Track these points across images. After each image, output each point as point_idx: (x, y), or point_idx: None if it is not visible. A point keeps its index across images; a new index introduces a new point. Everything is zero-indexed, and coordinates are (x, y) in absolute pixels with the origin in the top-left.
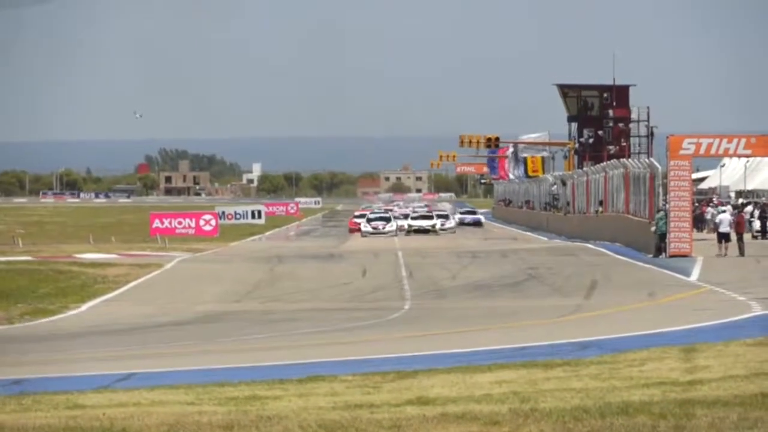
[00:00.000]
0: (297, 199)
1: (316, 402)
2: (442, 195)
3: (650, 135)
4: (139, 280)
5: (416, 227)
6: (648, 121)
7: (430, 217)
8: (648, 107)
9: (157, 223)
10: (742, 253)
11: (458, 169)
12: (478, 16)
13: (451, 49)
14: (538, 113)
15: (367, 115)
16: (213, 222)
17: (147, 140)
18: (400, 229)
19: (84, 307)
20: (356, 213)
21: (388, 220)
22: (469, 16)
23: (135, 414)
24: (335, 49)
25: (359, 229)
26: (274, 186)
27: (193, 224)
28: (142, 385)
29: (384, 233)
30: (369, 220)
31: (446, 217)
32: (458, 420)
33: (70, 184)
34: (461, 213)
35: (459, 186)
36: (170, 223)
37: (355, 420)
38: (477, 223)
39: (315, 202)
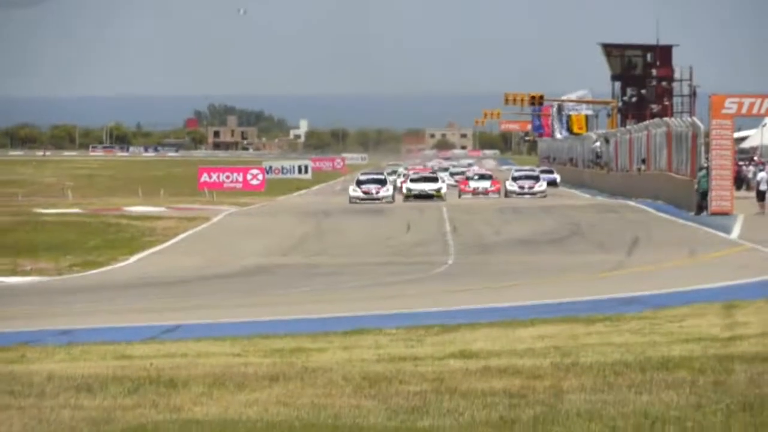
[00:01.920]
0: (343, 155)
1: (361, 354)
2: (486, 152)
3: (693, 94)
4: (187, 233)
5: (416, 192)
6: (691, 80)
7: (434, 179)
8: (691, 67)
9: (204, 177)
10: None
11: (502, 127)
12: None
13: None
14: (580, 71)
15: (412, 72)
16: (260, 176)
17: (196, 96)
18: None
19: (132, 259)
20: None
21: (383, 182)
22: None
23: (182, 365)
24: (380, 6)
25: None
26: (321, 142)
27: (240, 179)
28: (189, 336)
29: (377, 199)
30: (359, 183)
31: (536, 178)
32: (500, 373)
33: (120, 138)
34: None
35: (502, 143)
36: (218, 177)
37: (398, 372)
38: (553, 183)
39: (361, 158)
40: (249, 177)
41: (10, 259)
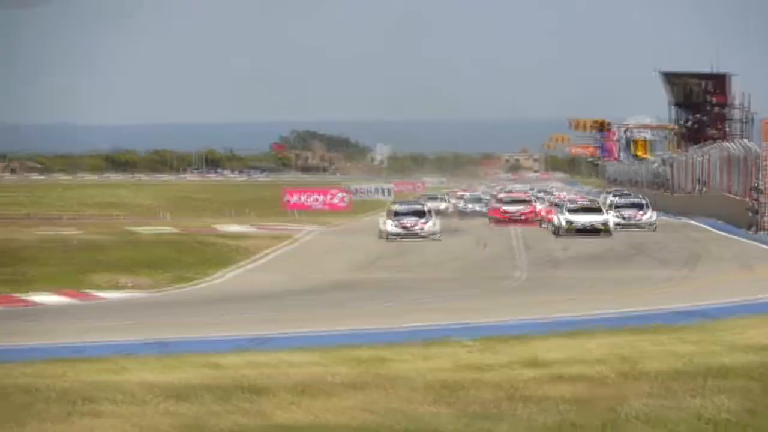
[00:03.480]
0: (424, 179)
1: (439, 364)
2: (556, 174)
3: (749, 120)
4: (275, 251)
5: (579, 226)
6: (748, 106)
7: (598, 210)
8: (749, 94)
9: (293, 198)
10: None
11: (572, 151)
12: (577, 6)
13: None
14: (638, 97)
15: (481, 100)
16: (345, 198)
17: (280, 122)
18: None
19: (224, 275)
20: (498, 195)
21: (422, 214)
22: (569, 7)
23: (270, 374)
24: (451, 37)
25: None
26: (402, 166)
27: (325, 200)
28: (278, 347)
29: (421, 236)
30: (397, 214)
31: (641, 206)
32: (569, 381)
33: (212, 162)
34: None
35: (570, 167)
36: (306, 198)
37: (475, 381)
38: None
39: (440, 182)
40: (336, 200)
41: (110, 275)
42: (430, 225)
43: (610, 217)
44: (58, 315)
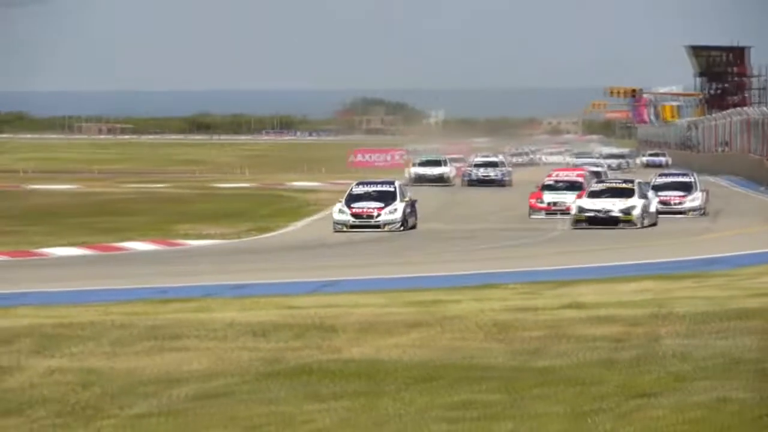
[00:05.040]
0: (474, 139)
1: (489, 305)
2: (593, 137)
3: (766, 88)
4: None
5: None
6: (765, 75)
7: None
8: (766, 65)
9: (358, 157)
10: None
11: (608, 115)
12: None
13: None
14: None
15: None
16: (403, 156)
17: (344, 89)
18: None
19: (298, 225)
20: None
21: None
22: None
23: (339, 314)
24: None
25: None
26: (454, 129)
27: (387, 158)
28: (344, 290)
29: (375, 226)
30: (352, 199)
31: (687, 187)
32: (606, 321)
33: (287, 125)
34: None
35: (603, 130)
36: (369, 157)
37: (521, 321)
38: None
39: (485, 143)
40: (397, 157)
41: (194, 225)
42: (389, 212)
43: (637, 202)
44: (147, 260)
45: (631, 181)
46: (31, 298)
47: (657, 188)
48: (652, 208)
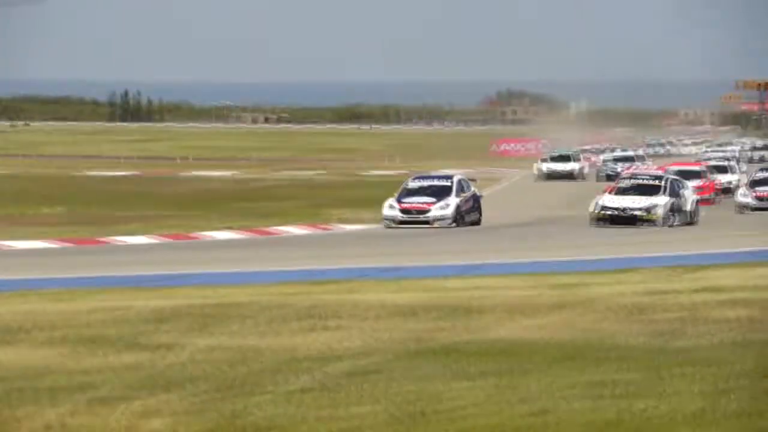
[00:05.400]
0: (615, 129)
1: (629, 288)
2: (723, 128)
3: None
4: (489, 191)
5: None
6: None
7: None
8: None
9: (502, 147)
10: None
11: (744, 107)
12: None
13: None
14: None
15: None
16: (546, 145)
17: (488, 81)
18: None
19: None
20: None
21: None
22: None
23: (486, 296)
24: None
25: None
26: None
27: (530, 147)
28: (491, 272)
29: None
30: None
31: None
32: (742, 304)
33: (434, 114)
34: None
35: (736, 121)
36: (513, 146)
37: (660, 303)
38: None
39: (625, 133)
40: (538, 147)
41: (346, 210)
42: (440, 207)
43: (661, 200)
44: (301, 243)
45: (661, 178)
46: (192, 279)
47: (754, 183)
48: (688, 206)
